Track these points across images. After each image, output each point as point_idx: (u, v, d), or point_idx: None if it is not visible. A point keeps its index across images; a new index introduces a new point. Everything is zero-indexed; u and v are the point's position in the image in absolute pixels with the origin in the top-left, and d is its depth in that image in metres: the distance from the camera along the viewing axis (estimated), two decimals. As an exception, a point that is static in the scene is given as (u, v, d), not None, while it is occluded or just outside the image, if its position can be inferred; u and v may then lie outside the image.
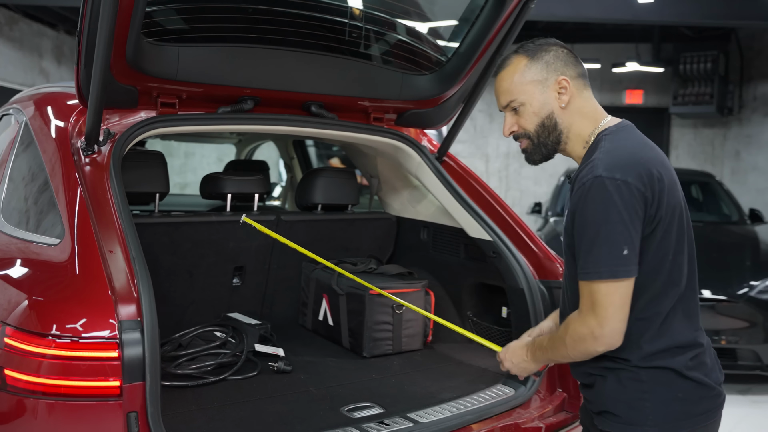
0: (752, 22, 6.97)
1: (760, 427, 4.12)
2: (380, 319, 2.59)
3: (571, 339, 1.58)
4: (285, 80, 2.35)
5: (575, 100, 1.68)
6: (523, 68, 1.69)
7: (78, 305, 1.55)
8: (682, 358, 1.58)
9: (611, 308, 1.51)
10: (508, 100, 1.71)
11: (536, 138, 1.71)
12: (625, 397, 1.59)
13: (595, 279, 1.51)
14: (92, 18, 1.77)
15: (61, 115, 2.14)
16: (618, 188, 1.49)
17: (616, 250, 1.49)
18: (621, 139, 1.60)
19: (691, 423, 1.58)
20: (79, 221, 1.74)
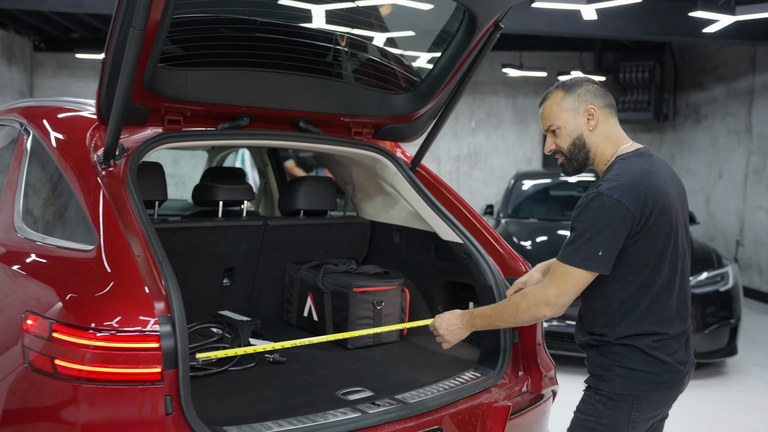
0: (682, 38, 7.52)
1: (693, 410, 4.57)
2: (362, 314, 2.86)
3: (527, 304, 2.00)
4: (276, 99, 2.60)
5: (601, 125, 2.08)
6: (560, 100, 2.11)
7: (122, 303, 1.77)
8: (645, 340, 1.98)
9: (572, 289, 1.94)
10: (548, 125, 2.14)
11: (569, 154, 2.11)
12: (602, 363, 2.02)
13: (570, 264, 1.91)
14: (117, 48, 2.00)
15: (78, 131, 2.33)
16: (612, 205, 1.89)
17: (593, 249, 1.89)
18: (631, 166, 1.98)
19: (649, 389, 1.99)
20: (110, 229, 1.95)
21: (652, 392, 1.99)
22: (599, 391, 2.02)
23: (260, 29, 2.53)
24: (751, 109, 8.85)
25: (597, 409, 2.02)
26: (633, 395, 1.98)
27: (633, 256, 1.94)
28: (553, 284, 1.95)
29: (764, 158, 8.58)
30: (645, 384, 1.98)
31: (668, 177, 2.03)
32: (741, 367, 5.62)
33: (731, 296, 5.33)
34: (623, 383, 1.99)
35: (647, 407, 2.01)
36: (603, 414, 2.00)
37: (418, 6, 2.66)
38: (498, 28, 2.63)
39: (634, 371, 1.98)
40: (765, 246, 8.52)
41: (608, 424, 2.00)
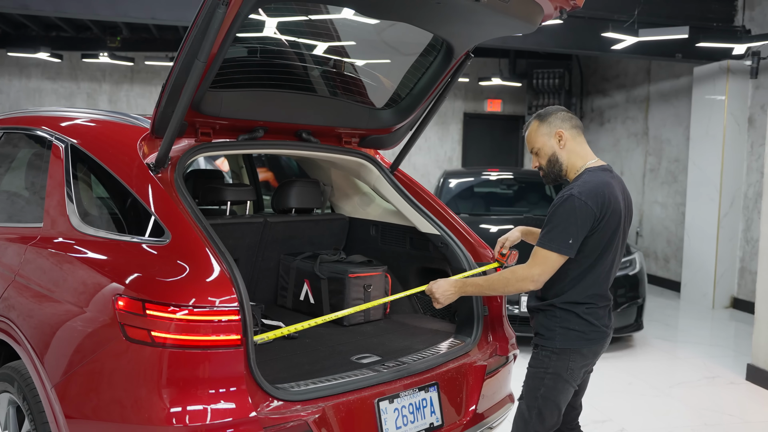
0: (593, 52, 8.41)
1: (609, 375, 5.34)
2: (355, 296, 3.37)
3: (515, 279, 2.58)
4: (285, 114, 3.06)
5: (569, 143, 2.67)
6: (537, 127, 2.72)
7: (208, 284, 2.20)
8: (581, 307, 2.62)
9: (550, 269, 2.54)
10: (531, 147, 2.75)
11: (547, 169, 2.70)
12: (546, 324, 2.63)
13: (549, 249, 2.51)
14: (179, 75, 2.41)
15: (129, 142, 2.70)
16: (581, 205, 2.48)
17: (565, 238, 2.49)
18: (596, 176, 2.59)
19: (581, 344, 2.62)
20: (179, 224, 2.37)
21: (583, 347, 2.63)
22: (545, 348, 2.64)
23: (275, 57, 2.98)
24: (647, 114, 9.93)
25: (543, 362, 2.64)
26: (570, 349, 2.61)
27: (587, 245, 2.55)
28: (536, 265, 2.54)
29: (659, 158, 9.66)
30: (578, 340, 2.62)
31: (620, 190, 2.65)
32: (645, 341, 6.50)
33: (638, 279, 6.17)
34: (563, 340, 2.61)
35: (580, 358, 2.64)
36: (549, 365, 2.62)
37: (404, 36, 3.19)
38: (469, 57, 3.20)
39: (570, 330, 2.61)
40: (660, 236, 9.61)
41: (553, 373, 2.62)
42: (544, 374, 2.63)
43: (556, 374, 2.61)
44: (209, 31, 2.24)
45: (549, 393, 2.61)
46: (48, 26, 10.13)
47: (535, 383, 2.64)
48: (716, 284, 8.06)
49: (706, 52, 7.66)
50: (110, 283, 2.32)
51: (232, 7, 2.22)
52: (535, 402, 2.63)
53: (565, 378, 2.62)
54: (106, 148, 2.78)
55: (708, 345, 6.58)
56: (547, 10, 2.83)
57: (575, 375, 2.65)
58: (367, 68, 3.34)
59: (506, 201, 8.10)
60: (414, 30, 2.90)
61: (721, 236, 8.02)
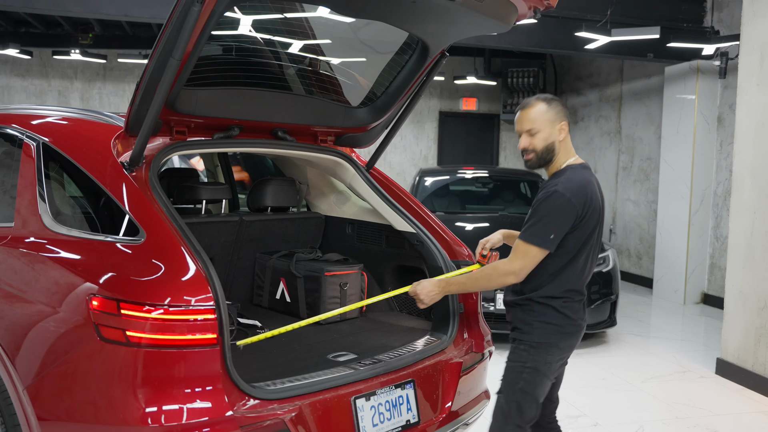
0: (567, 51, 8.50)
1: (584, 371, 5.41)
2: (331, 294, 3.38)
3: (497, 275, 2.61)
4: (260, 113, 3.05)
5: (566, 139, 2.68)
6: (544, 110, 2.64)
7: (184, 283, 2.18)
8: (558, 301, 2.65)
9: (531, 263, 2.57)
10: (529, 127, 2.66)
11: (540, 154, 2.67)
12: (524, 318, 2.66)
13: (530, 243, 2.54)
14: (153, 73, 2.40)
15: (103, 141, 2.67)
16: (565, 202, 2.51)
17: (547, 233, 2.52)
18: (578, 174, 2.62)
19: (558, 338, 2.66)
20: (154, 223, 2.36)
21: (560, 340, 2.67)
22: (523, 342, 2.68)
23: (251, 55, 2.98)
24: (620, 113, 10.06)
25: (522, 356, 2.67)
26: (547, 342, 2.65)
27: (567, 241, 2.59)
28: (518, 259, 2.57)
29: (631, 156, 9.79)
30: (556, 334, 2.66)
31: (597, 189, 2.69)
32: (618, 336, 6.59)
33: (611, 276, 6.25)
34: (541, 334, 2.64)
35: (557, 352, 2.68)
36: (527, 359, 2.66)
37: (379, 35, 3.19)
38: (444, 56, 3.22)
39: (548, 324, 2.64)
40: (632, 233, 9.74)
41: (531, 366, 2.65)
42: (522, 368, 2.66)
43: (534, 368, 2.64)
44: (184, 29, 2.22)
45: (528, 386, 2.65)
46: (17, 22, 9.95)
47: (513, 377, 2.67)
48: (687, 280, 8.20)
49: (676, 52, 7.79)
50: (84, 282, 2.30)
51: (207, 5, 2.21)
52: (514, 396, 2.65)
53: (543, 371, 2.66)
54: (79, 147, 2.75)
55: (679, 340, 6.69)
56: (521, 10, 2.85)
57: (553, 368, 2.69)
58: (342, 66, 3.34)
59: (482, 199, 8.16)
60: (389, 29, 2.92)
61: (691, 233, 8.16)
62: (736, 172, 5.29)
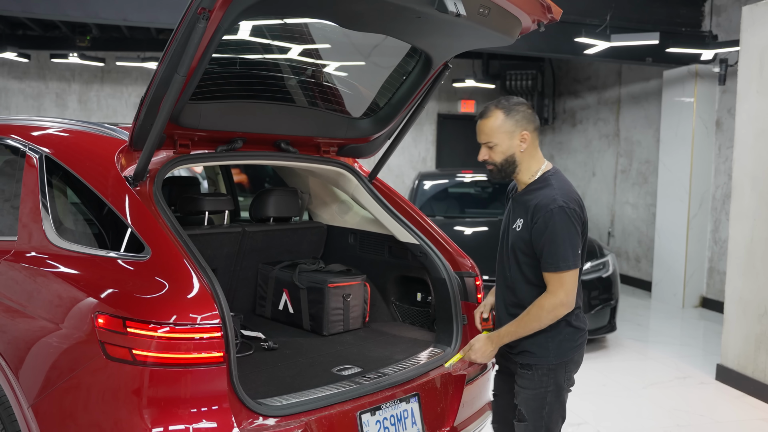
0: (566, 55, 8.51)
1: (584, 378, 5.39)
2: (335, 306, 3.37)
3: (546, 312, 2.47)
4: (264, 125, 3.04)
5: (530, 147, 2.55)
6: (501, 120, 2.49)
7: (190, 300, 2.18)
8: (571, 316, 2.58)
9: (572, 285, 2.47)
10: (486, 140, 2.54)
11: (500, 167, 2.56)
12: (538, 342, 2.57)
13: (564, 269, 2.43)
14: (158, 88, 2.39)
15: (107, 154, 2.67)
16: (572, 213, 2.45)
17: (575, 250, 2.45)
18: (562, 180, 2.55)
19: (573, 352, 2.61)
20: (159, 240, 2.35)
21: (575, 354, 2.62)
22: (539, 366, 2.55)
23: (254, 68, 2.97)
24: (618, 116, 10.07)
25: (542, 381, 2.58)
26: (564, 361, 2.59)
27: None
28: (559, 289, 2.44)
29: (630, 159, 9.80)
30: (571, 350, 2.60)
31: None
32: (618, 341, 6.60)
33: (611, 281, 6.26)
34: (557, 354, 2.56)
35: (573, 366, 2.64)
36: (548, 383, 2.57)
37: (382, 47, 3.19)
38: (447, 67, 3.21)
39: (563, 342, 2.57)
40: (631, 236, 9.76)
41: (554, 389, 2.58)
42: (545, 393, 2.57)
43: (557, 389, 2.58)
44: (189, 46, 2.22)
45: (553, 407, 2.59)
46: (15, 25, 9.92)
47: (537, 404, 2.58)
48: (686, 284, 8.21)
49: (675, 56, 7.80)
50: (88, 299, 2.29)
51: (212, 22, 2.21)
52: (541, 422, 2.58)
53: (565, 388, 2.62)
54: (82, 161, 2.74)
55: (679, 345, 6.70)
56: (525, 23, 2.85)
57: (572, 380, 2.65)
58: (345, 78, 3.33)
59: (481, 203, 8.15)
60: (392, 41, 2.91)
61: (690, 237, 8.17)
62: (736, 178, 5.30)
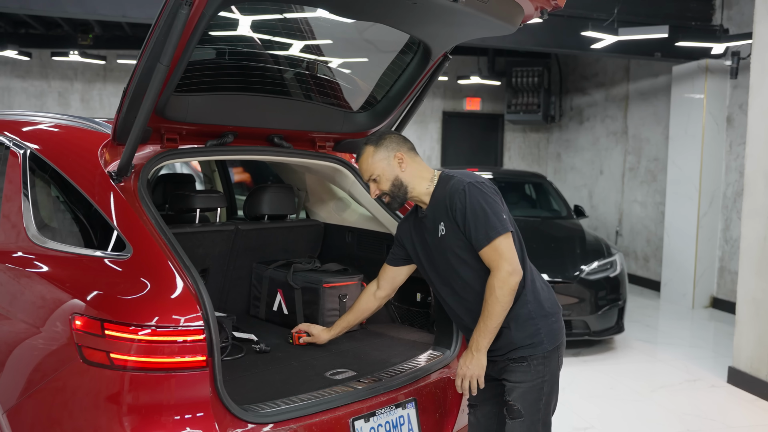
0: (572, 50, 8.36)
1: (591, 379, 5.28)
2: (330, 306, 3.25)
3: (499, 289, 2.40)
4: (256, 119, 2.92)
5: (410, 166, 2.59)
6: (373, 153, 2.58)
7: (171, 301, 2.07)
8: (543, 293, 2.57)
9: (510, 251, 2.43)
10: (369, 175, 2.61)
11: (392, 194, 2.60)
12: (529, 331, 2.51)
13: (495, 237, 2.40)
14: (141, 79, 2.28)
15: (90, 149, 2.56)
16: (483, 185, 2.46)
17: (499, 216, 2.43)
18: (459, 173, 2.56)
19: (561, 333, 2.60)
20: (141, 237, 2.24)
21: (563, 334, 2.60)
22: (534, 356, 2.50)
23: (245, 59, 2.85)
24: (626, 113, 9.91)
25: (538, 371, 2.51)
26: (557, 345, 2.55)
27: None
28: (500, 260, 2.39)
29: (638, 157, 9.64)
30: (560, 331, 2.58)
31: None
32: (626, 342, 6.45)
33: (619, 281, 6.12)
34: (550, 339, 2.53)
35: (562, 348, 2.61)
36: (544, 372, 2.52)
37: (380, 37, 3.07)
38: (447, 58, 3.09)
39: (552, 325, 2.53)
40: (639, 235, 9.60)
41: (550, 378, 2.53)
42: (542, 383, 2.52)
43: (552, 377, 2.55)
44: (172, 33, 2.10)
45: (549, 398, 2.55)
46: (17, 23, 9.85)
47: (533, 396, 2.51)
48: (696, 284, 8.05)
49: (685, 51, 7.64)
50: (67, 300, 2.18)
51: (197, 8, 2.09)
52: (538, 414, 2.52)
53: (558, 374, 2.59)
54: (66, 156, 2.64)
55: (688, 346, 6.55)
56: (527, 11, 2.72)
57: (562, 364, 2.62)
58: (341, 70, 3.22)
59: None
60: (390, 31, 2.79)
61: (700, 236, 8.01)
62: (748, 174, 5.15)
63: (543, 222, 7.27)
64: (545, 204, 7.90)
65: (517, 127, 12.10)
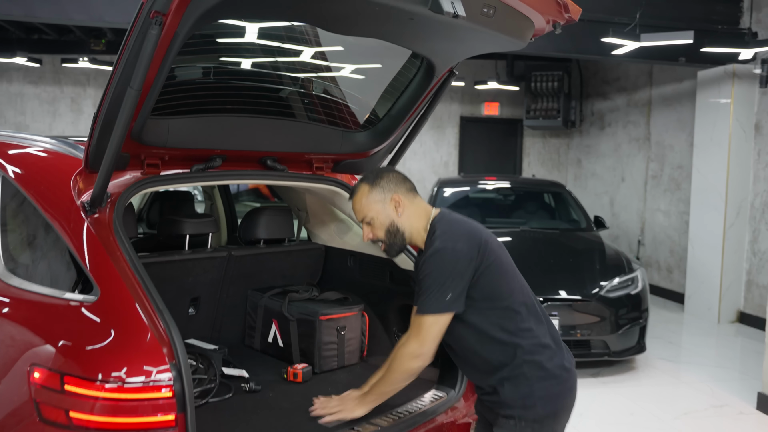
0: (593, 56, 8.08)
1: (610, 403, 5.01)
2: (328, 340, 3.04)
3: (399, 361, 2.21)
4: (246, 141, 2.72)
5: (408, 209, 2.32)
6: (368, 193, 2.34)
7: (135, 354, 1.87)
8: (543, 352, 2.23)
9: (431, 334, 2.17)
10: (362, 217, 2.35)
11: (388, 240, 2.35)
12: (519, 394, 2.21)
13: (424, 312, 2.15)
14: (111, 104, 2.08)
15: (62, 176, 2.37)
16: (448, 253, 2.14)
17: (443, 294, 2.13)
18: (446, 222, 2.26)
19: (563, 398, 2.25)
20: (109, 278, 2.04)
21: (566, 399, 2.26)
22: (524, 418, 2.19)
23: (233, 78, 2.65)
24: (649, 119, 9.58)
25: None
26: (554, 411, 2.23)
27: (484, 286, 2.20)
28: (415, 336, 2.17)
29: (661, 164, 9.32)
30: (560, 397, 2.23)
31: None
32: (648, 362, 6.16)
33: (640, 299, 5.83)
34: (544, 405, 2.20)
35: (564, 415, 2.28)
36: None
37: (380, 52, 2.85)
38: (453, 74, 2.87)
39: (549, 391, 2.20)
40: (663, 245, 9.27)
41: None
42: None
43: None
44: (142, 56, 1.91)
45: None
46: (29, 29, 9.78)
47: None
48: (722, 297, 7.72)
49: (710, 56, 7.31)
50: (28, 349, 1.99)
51: (169, 28, 1.89)
52: None
53: None
54: (37, 183, 2.45)
55: (714, 366, 6.24)
56: (538, 25, 2.49)
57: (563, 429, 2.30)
58: (339, 87, 3.00)
59: (504, 212, 7.78)
60: (390, 44, 2.58)
61: (726, 247, 7.68)
62: (779, 190, 4.85)
63: (562, 234, 7.00)
64: (564, 215, 7.62)
65: (536, 132, 11.80)
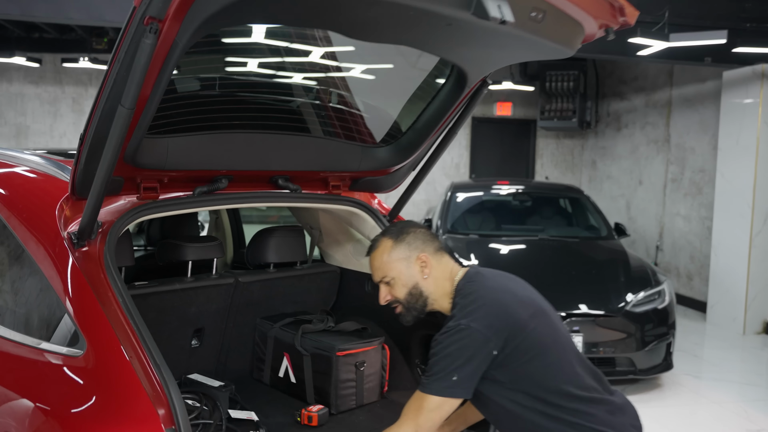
0: (616, 57, 7.77)
1: (640, 428, 4.71)
2: (346, 377, 2.74)
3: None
4: (256, 160, 2.43)
5: (434, 271, 2.05)
6: (390, 249, 2.10)
7: (129, 423, 1.59)
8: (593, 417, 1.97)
9: (428, 418, 1.90)
10: (381, 276, 2.09)
11: (407, 304, 2.08)
12: None
13: (426, 391, 1.90)
14: (100, 123, 1.79)
15: (46, 203, 2.09)
16: (460, 332, 1.87)
17: (449, 376, 1.87)
18: (472, 291, 1.96)
19: None
20: (99, 329, 1.76)
21: None
22: None
23: (239, 92, 2.36)
24: (669, 120, 9.25)
25: None
26: None
27: (521, 366, 1.95)
28: (410, 418, 1.93)
29: (681, 167, 8.99)
30: None
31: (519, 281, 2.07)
32: (674, 378, 5.86)
33: (667, 313, 5.52)
34: None
35: None
36: None
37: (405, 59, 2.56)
38: (485, 84, 2.57)
39: None
40: (683, 251, 8.95)
41: None
42: None
43: None
44: (134, 70, 1.62)
45: None
46: (29, 27, 9.50)
47: None
48: (747, 308, 7.40)
49: (738, 56, 6.98)
50: (4, 413, 1.70)
51: (165, 37, 1.60)
52: None
53: None
54: (18, 210, 2.16)
55: (744, 383, 5.93)
56: (589, 30, 2.19)
57: None
58: (358, 98, 2.71)
59: (519, 218, 7.48)
60: (416, 51, 2.28)
61: (753, 255, 7.36)
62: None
63: (582, 243, 6.68)
64: (582, 221, 7.31)
65: (550, 133, 11.48)
